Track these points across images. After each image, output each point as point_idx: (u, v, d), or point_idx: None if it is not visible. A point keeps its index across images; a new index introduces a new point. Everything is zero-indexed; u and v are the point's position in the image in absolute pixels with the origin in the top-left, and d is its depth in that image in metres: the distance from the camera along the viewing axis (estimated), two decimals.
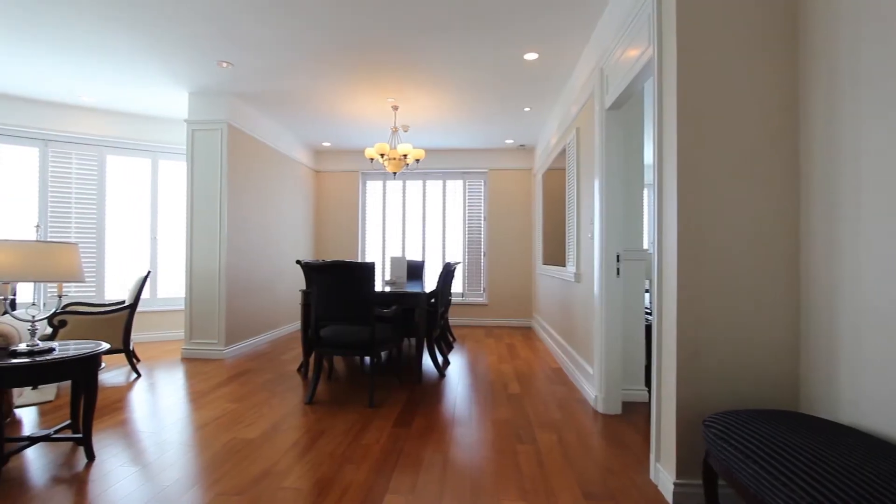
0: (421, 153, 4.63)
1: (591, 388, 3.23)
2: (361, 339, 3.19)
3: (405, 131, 5.65)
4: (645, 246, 3.26)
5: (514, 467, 2.24)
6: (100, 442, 2.50)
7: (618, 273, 2.97)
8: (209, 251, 4.56)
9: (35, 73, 4.02)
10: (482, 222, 6.82)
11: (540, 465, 2.25)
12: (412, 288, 4.06)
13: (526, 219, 6.72)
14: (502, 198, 6.76)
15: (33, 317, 2.27)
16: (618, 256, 2.97)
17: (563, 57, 3.61)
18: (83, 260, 4.55)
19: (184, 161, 5.46)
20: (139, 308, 4.97)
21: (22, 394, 3.23)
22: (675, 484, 1.88)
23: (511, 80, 4.09)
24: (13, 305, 3.99)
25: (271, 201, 5.54)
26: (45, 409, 3.06)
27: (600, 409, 3.02)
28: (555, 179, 5.06)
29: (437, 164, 6.76)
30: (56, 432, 2.41)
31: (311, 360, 4.14)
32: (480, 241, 6.82)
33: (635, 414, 2.99)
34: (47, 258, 2.16)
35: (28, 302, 4.63)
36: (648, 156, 5.04)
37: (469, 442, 2.55)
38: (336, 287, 3.16)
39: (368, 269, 3.14)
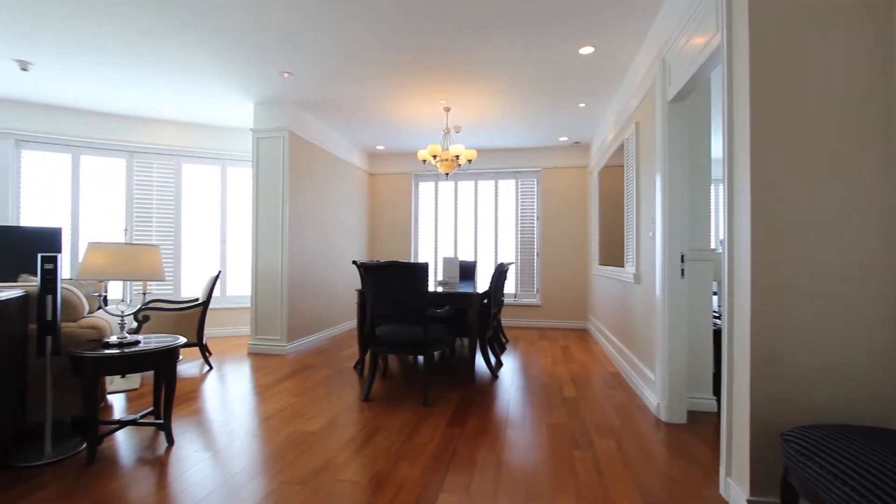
0: (473, 154, 4.63)
1: (653, 395, 3.08)
2: (415, 338, 3.24)
3: (457, 132, 5.67)
4: (712, 245, 3.05)
5: (571, 473, 2.17)
6: (178, 428, 2.71)
7: (682, 274, 2.81)
8: (272, 252, 4.82)
9: (123, 91, 4.44)
10: (535, 222, 6.70)
11: (598, 472, 2.18)
12: (465, 288, 4.07)
13: (580, 218, 6.53)
14: (556, 197, 6.61)
15: (122, 312, 2.50)
16: (682, 257, 2.81)
17: (620, 49, 3.47)
18: (163, 260, 4.97)
19: (250, 168, 5.80)
20: (211, 305, 5.34)
21: (113, 381, 3.57)
22: (748, 501, 1.75)
23: (565, 76, 3.99)
24: (105, 302, 4.43)
25: (328, 204, 5.75)
26: (131, 396, 3.36)
27: (663, 417, 2.87)
28: (612, 177, 4.87)
29: (489, 164, 6.73)
30: (141, 418, 2.64)
31: (367, 357, 4.26)
32: (533, 241, 6.71)
33: (702, 424, 2.81)
34: (134, 259, 2.37)
35: (117, 299, 5.10)
36: (716, 149, 4.73)
37: (523, 445, 2.51)
38: (391, 287, 3.23)
39: (422, 269, 3.17)
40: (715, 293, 3.29)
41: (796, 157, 1.72)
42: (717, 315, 3.28)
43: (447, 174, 4.78)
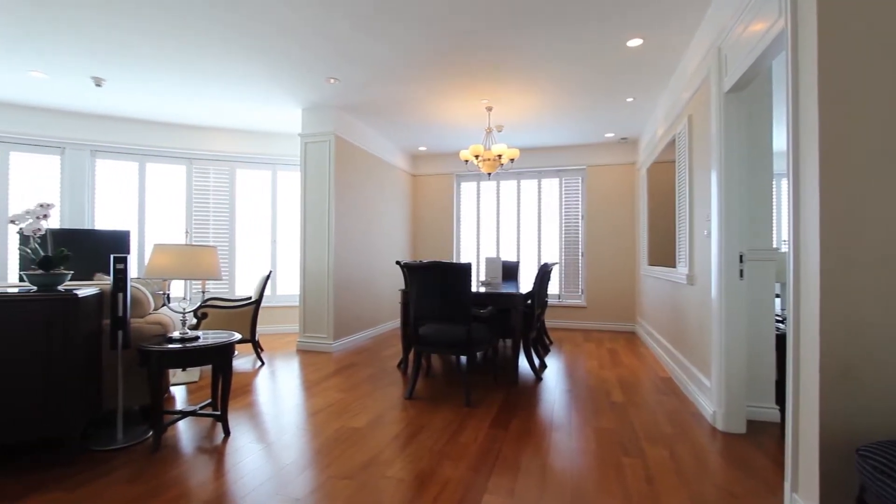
0: (515, 153, 4.58)
1: (709, 402, 2.92)
2: (458, 338, 3.24)
3: (499, 131, 5.63)
4: (774, 244, 2.86)
5: (619, 480, 2.10)
6: (233, 420, 2.85)
7: (741, 275, 2.65)
8: (319, 253, 4.97)
9: (183, 102, 4.73)
10: (580, 221, 6.54)
11: (649, 481, 2.09)
12: (507, 288, 4.03)
13: (628, 217, 6.31)
14: (601, 195, 6.42)
15: (184, 309, 2.66)
16: (741, 256, 2.65)
17: (671, 39, 3.33)
18: (220, 261, 5.25)
19: (298, 171, 6.02)
20: (263, 304, 5.58)
21: (175, 374, 3.81)
22: None
23: (612, 71, 3.87)
24: (168, 299, 4.72)
25: (372, 205, 5.87)
26: (191, 388, 3.57)
27: (720, 426, 2.72)
28: (662, 173, 4.68)
29: (532, 162, 6.64)
30: (201, 409, 2.80)
31: (411, 356, 4.31)
32: (578, 240, 6.55)
33: (763, 434, 2.64)
34: (194, 259, 2.52)
35: (178, 297, 5.44)
36: (778, 142, 4.43)
37: (569, 449, 2.45)
38: (434, 287, 3.25)
39: (465, 269, 3.17)
40: (777, 295, 3.08)
41: (872, 150, 1.58)
42: (780, 319, 3.07)
43: (489, 174, 4.76)
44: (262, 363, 4.38)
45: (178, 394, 3.42)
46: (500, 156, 4.54)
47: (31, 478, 2.07)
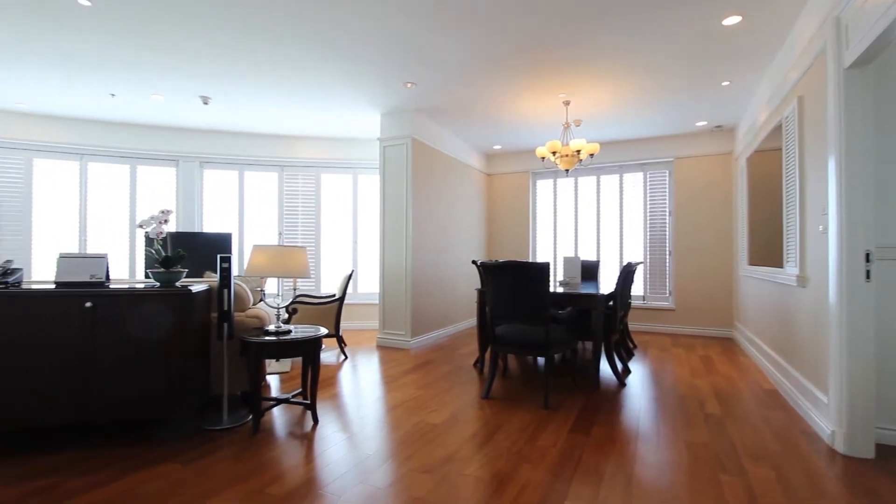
0: (595, 147, 4.38)
1: (825, 421, 2.58)
2: (536, 339, 3.17)
3: (577, 126, 5.43)
4: None
5: (717, 500, 1.92)
6: (320, 409, 3.03)
7: (867, 276, 2.30)
8: (397, 253, 5.14)
9: (274, 114, 5.14)
10: (667, 217, 6.10)
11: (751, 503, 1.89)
12: (587, 289, 3.87)
13: (723, 212, 5.77)
14: (692, 189, 5.94)
15: (278, 305, 2.89)
16: (867, 255, 2.30)
17: (776, 13, 2.98)
18: (308, 260, 5.64)
19: (377, 175, 6.27)
20: (346, 301, 5.89)
21: (270, 364, 4.14)
22: None
23: (705, 54, 3.56)
24: (264, 295, 5.16)
25: (448, 205, 5.95)
26: (283, 378, 3.86)
27: (840, 448, 2.38)
28: (765, 163, 4.23)
29: (613, 157, 6.31)
30: (293, 397, 3.02)
31: (487, 356, 4.30)
32: (665, 238, 6.11)
33: None
34: (287, 259, 2.72)
35: (272, 293, 5.92)
36: None
37: (657, 461, 2.29)
38: (511, 286, 3.21)
39: (543, 269, 3.10)
40: None
41: None
42: None
43: (567, 171, 4.61)
44: (346, 357, 4.62)
45: (273, 382, 3.72)
46: (578, 151, 4.37)
47: (155, 450, 2.36)
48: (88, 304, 2.33)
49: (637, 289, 6.19)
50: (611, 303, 3.82)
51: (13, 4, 2.87)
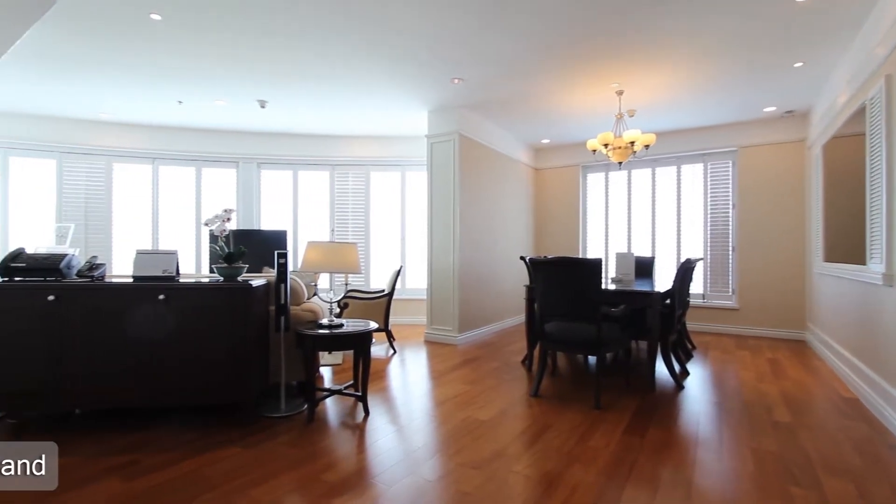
0: (651, 138, 4.18)
1: None
2: (586, 337, 3.08)
3: (630, 116, 5.20)
4: None
5: None
6: (371, 401, 3.10)
7: None
8: (445, 249, 5.16)
9: (326, 114, 5.31)
10: (730, 210, 5.73)
11: None
12: (641, 286, 3.71)
13: (794, 204, 5.33)
14: (758, 179, 5.53)
15: (331, 300, 2.98)
16: None
17: None
18: (359, 256, 5.80)
19: (424, 171, 6.32)
20: (394, 296, 5.99)
21: (323, 356, 4.29)
22: None
23: (774, 34, 3.29)
24: (317, 290, 5.36)
25: (495, 201, 5.90)
26: (335, 370, 3.99)
27: None
28: (845, 149, 3.86)
29: (670, 147, 6.00)
30: (345, 389, 3.11)
31: (535, 353, 4.23)
32: (728, 233, 5.74)
33: None
34: (339, 255, 2.81)
35: (323, 288, 6.13)
36: None
37: (719, 470, 2.16)
38: (561, 283, 3.14)
39: (595, 265, 3.00)
40: None
41: None
42: None
43: (620, 163, 4.43)
44: (395, 351, 4.71)
45: (326, 374, 3.85)
46: (632, 143, 4.19)
47: (219, 433, 2.51)
48: (161, 297, 2.51)
49: (696, 286, 5.85)
50: (668, 301, 3.64)
51: (89, 17, 3.10)
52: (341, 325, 2.82)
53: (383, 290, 4.85)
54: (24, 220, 5.30)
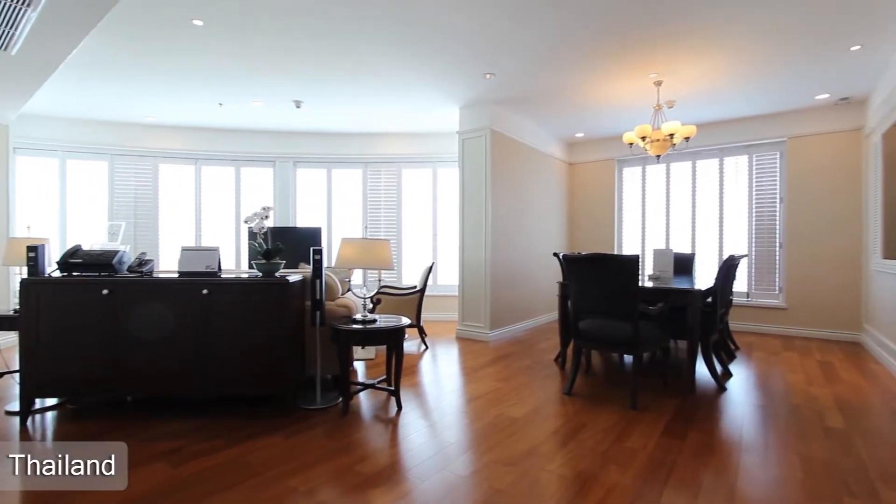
0: (691, 130, 4.03)
1: None
2: (623, 335, 3.00)
3: (669, 107, 5.01)
4: None
5: None
6: (403, 396, 3.14)
7: None
8: (476, 245, 5.15)
9: (358, 113, 5.38)
10: (777, 205, 5.44)
11: None
12: (680, 283, 3.58)
13: (848, 197, 5.00)
14: (809, 171, 5.22)
15: (364, 295, 3.03)
16: None
17: None
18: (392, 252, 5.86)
19: (456, 168, 6.32)
20: (426, 292, 6.03)
21: (356, 351, 4.37)
22: None
23: (827, 16, 3.09)
24: (350, 286, 5.45)
25: (527, 196, 5.83)
26: (369, 364, 4.05)
27: None
28: None
29: (712, 139, 5.74)
30: (378, 383, 3.16)
31: (569, 351, 4.16)
32: (775, 228, 5.46)
33: None
34: (373, 251, 2.84)
35: (356, 284, 6.23)
36: None
37: (766, 476, 2.07)
38: (596, 280, 3.07)
39: (632, 262, 2.92)
40: None
41: None
42: None
43: (659, 156, 4.29)
44: (426, 347, 4.74)
45: (359, 369, 3.92)
46: (671, 135, 4.04)
47: (259, 423, 2.60)
48: (205, 292, 2.62)
49: (740, 284, 5.60)
50: (709, 299, 3.50)
51: (138, 25, 3.25)
52: (374, 321, 2.86)
53: (415, 287, 4.89)
54: (79, 219, 5.64)
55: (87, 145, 5.64)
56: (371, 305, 4.53)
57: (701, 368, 3.47)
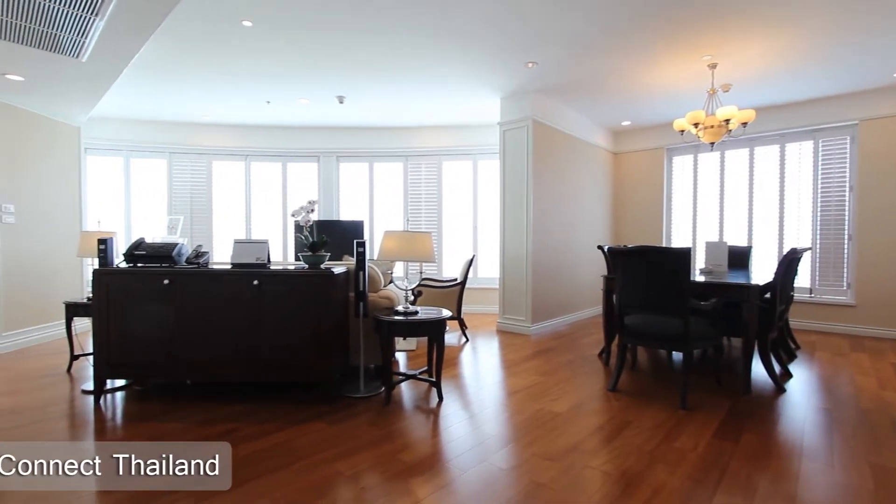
0: (749, 114, 3.78)
1: None
2: (672, 331, 2.88)
3: (725, 91, 4.72)
4: None
5: None
6: (444, 387, 3.16)
7: None
8: (518, 237, 5.08)
9: (399, 107, 5.42)
10: (846, 194, 5.02)
11: None
12: (735, 278, 3.39)
13: None
14: (884, 158, 4.78)
15: (406, 287, 3.07)
16: None
17: None
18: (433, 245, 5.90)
19: (497, 159, 6.25)
20: (467, 285, 6.03)
21: (398, 342, 4.44)
22: None
23: None
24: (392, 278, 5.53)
25: (570, 188, 5.69)
26: (410, 355, 4.11)
27: None
28: None
29: (771, 124, 5.37)
30: (419, 374, 3.20)
31: (613, 346, 4.05)
32: (843, 219, 5.05)
33: None
34: (415, 244, 2.87)
35: (397, 276, 6.32)
36: None
37: (829, 483, 1.93)
38: (643, 274, 2.96)
39: (683, 255, 2.79)
40: None
41: None
42: None
43: (712, 144, 4.06)
44: (467, 339, 4.75)
45: (400, 359, 3.99)
46: (727, 121, 3.81)
47: (306, 409, 2.70)
48: (256, 282, 2.74)
49: (802, 279, 5.23)
50: (767, 295, 3.29)
51: (191, 28, 3.40)
52: (416, 313, 2.89)
53: (456, 279, 4.90)
54: (142, 213, 6.05)
55: (149, 144, 6.02)
56: (412, 297, 4.58)
57: (757, 368, 3.28)
